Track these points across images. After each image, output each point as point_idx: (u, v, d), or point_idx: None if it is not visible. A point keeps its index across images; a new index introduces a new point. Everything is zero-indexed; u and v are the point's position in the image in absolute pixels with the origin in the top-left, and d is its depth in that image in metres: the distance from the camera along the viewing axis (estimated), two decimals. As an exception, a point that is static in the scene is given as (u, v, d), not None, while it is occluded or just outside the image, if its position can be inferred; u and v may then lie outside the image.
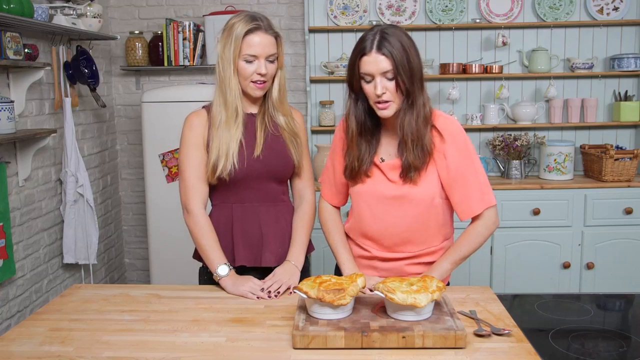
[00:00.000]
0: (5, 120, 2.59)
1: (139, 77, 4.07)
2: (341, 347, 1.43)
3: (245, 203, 1.97)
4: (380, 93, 1.70)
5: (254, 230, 1.97)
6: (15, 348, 1.47)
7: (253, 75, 1.86)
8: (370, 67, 1.69)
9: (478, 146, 3.97)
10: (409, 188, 1.79)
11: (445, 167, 1.78)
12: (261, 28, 1.85)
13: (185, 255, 3.28)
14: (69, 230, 3.30)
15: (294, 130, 1.98)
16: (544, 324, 1.73)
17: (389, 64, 1.68)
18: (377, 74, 1.69)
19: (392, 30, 1.71)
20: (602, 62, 3.89)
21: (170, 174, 3.61)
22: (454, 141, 1.78)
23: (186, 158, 1.92)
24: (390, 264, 1.90)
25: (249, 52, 1.84)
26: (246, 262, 1.96)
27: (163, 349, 1.45)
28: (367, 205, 1.86)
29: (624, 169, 3.56)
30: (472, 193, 1.79)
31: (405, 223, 1.83)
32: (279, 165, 1.96)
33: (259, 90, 1.90)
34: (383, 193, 1.82)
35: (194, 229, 1.92)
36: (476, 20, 3.81)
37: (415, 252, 1.87)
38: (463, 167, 1.78)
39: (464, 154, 1.78)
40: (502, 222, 3.51)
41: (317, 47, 3.90)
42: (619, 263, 3.51)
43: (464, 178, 1.78)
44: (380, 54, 1.68)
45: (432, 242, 1.87)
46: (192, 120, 1.94)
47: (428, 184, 1.79)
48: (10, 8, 2.53)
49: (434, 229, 1.85)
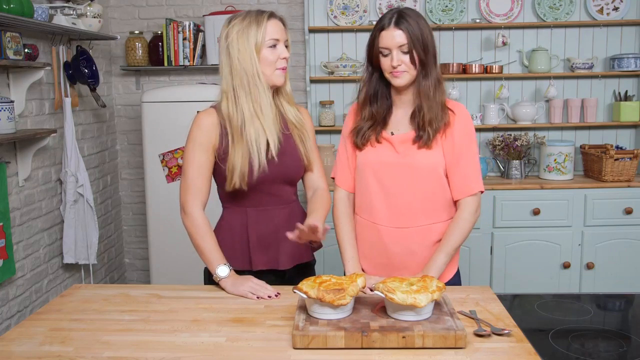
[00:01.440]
0: (5, 120, 2.59)
1: (139, 77, 4.07)
2: (341, 347, 1.43)
3: (259, 207, 1.95)
4: (396, 64, 1.82)
5: (269, 234, 1.96)
6: (15, 348, 1.47)
7: (278, 61, 1.87)
8: (387, 41, 1.83)
9: (478, 146, 3.96)
10: (414, 157, 1.87)
11: (451, 144, 1.87)
12: (273, 14, 1.89)
13: (185, 255, 3.29)
14: (69, 230, 3.30)
15: (302, 122, 1.98)
16: (544, 324, 1.73)
17: (404, 38, 1.81)
18: (394, 48, 1.82)
19: (409, 10, 1.86)
20: (602, 62, 3.89)
21: (170, 174, 3.61)
22: (463, 122, 1.89)
23: (190, 157, 1.90)
24: (400, 243, 1.91)
25: (273, 36, 1.86)
26: (263, 266, 1.95)
27: (163, 349, 1.45)
28: (373, 172, 1.91)
29: (624, 169, 3.56)
30: (470, 173, 1.89)
31: (409, 192, 1.88)
32: (292, 167, 1.96)
33: (282, 76, 1.90)
34: (389, 161, 1.90)
35: (191, 229, 1.90)
36: (476, 20, 3.81)
37: (423, 224, 1.90)
38: (466, 148, 1.89)
39: (469, 137, 1.91)
40: (502, 222, 3.52)
41: (317, 47, 3.91)
42: (619, 263, 3.51)
43: (466, 158, 1.89)
44: (397, 29, 1.82)
45: (440, 216, 1.92)
46: (201, 120, 1.90)
47: (433, 156, 1.87)
48: (10, 8, 2.53)
49: (440, 203, 1.91)
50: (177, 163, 3.59)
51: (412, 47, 1.81)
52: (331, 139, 3.95)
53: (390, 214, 1.91)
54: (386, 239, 1.92)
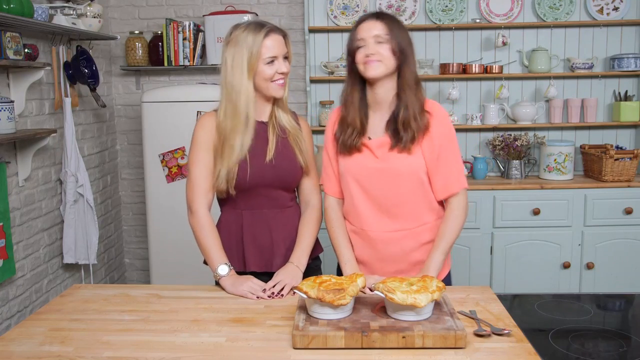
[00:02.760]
0: (5, 120, 2.59)
1: (139, 77, 4.07)
2: (341, 347, 1.43)
3: (255, 210, 1.97)
4: (369, 53, 1.80)
5: (264, 237, 1.98)
6: (15, 348, 1.47)
7: (275, 75, 1.88)
8: (363, 32, 1.83)
9: (478, 146, 3.97)
10: (394, 162, 1.86)
11: (430, 146, 1.86)
12: (273, 29, 1.88)
13: (185, 255, 3.29)
14: (69, 230, 3.30)
15: (297, 128, 1.99)
16: (544, 324, 1.73)
17: (382, 29, 1.81)
18: (369, 37, 1.81)
19: (389, 12, 1.93)
20: (602, 62, 3.89)
21: (170, 174, 3.61)
22: (441, 122, 1.88)
23: (195, 158, 1.93)
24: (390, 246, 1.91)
25: (269, 54, 1.86)
26: (257, 268, 1.97)
27: (163, 349, 1.45)
28: (354, 179, 1.91)
29: (624, 169, 3.56)
30: (451, 173, 1.89)
31: (392, 196, 1.88)
32: (288, 172, 1.96)
33: (280, 90, 1.92)
34: (369, 166, 1.88)
35: (195, 228, 1.93)
36: (476, 20, 3.81)
37: (410, 228, 1.90)
38: (447, 148, 1.88)
39: (449, 137, 1.89)
40: (502, 222, 3.52)
41: (317, 47, 3.91)
42: (619, 263, 3.51)
43: (446, 159, 1.88)
44: (375, 20, 1.83)
45: (424, 218, 1.92)
46: (205, 122, 1.95)
47: (413, 160, 1.85)
48: (10, 8, 2.53)
49: (424, 204, 1.90)
50: (177, 163, 3.59)
51: (390, 38, 1.80)
52: (331, 139, 3.95)
53: (377, 219, 1.91)
54: (377, 243, 1.92)
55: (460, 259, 3.48)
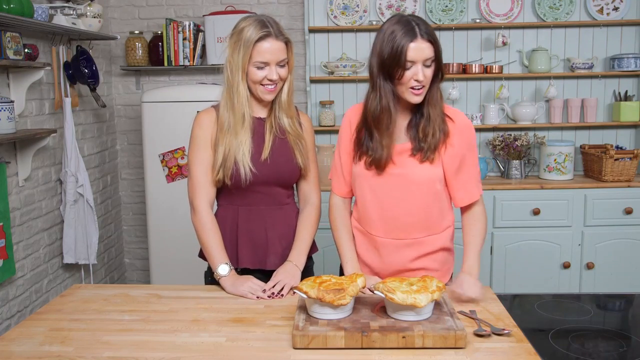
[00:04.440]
0: (5, 120, 2.59)
1: (139, 77, 4.07)
2: (341, 347, 1.43)
3: (251, 206, 1.97)
4: (420, 80, 1.73)
5: (259, 233, 1.97)
6: (15, 348, 1.47)
7: (263, 80, 1.86)
8: (414, 54, 1.71)
9: (478, 146, 3.97)
10: (411, 169, 1.82)
11: (452, 155, 1.83)
12: (272, 34, 1.83)
13: (185, 255, 3.29)
14: (69, 230, 3.30)
15: (298, 132, 1.97)
16: (544, 324, 1.73)
17: (431, 52, 1.74)
18: (420, 61, 1.72)
19: (422, 19, 1.78)
20: (602, 62, 3.89)
21: (170, 174, 3.61)
22: (463, 131, 1.85)
23: (195, 157, 1.93)
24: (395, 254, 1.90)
25: (260, 59, 1.83)
26: (250, 265, 1.97)
27: (163, 349, 1.45)
28: (368, 185, 1.87)
29: (624, 169, 3.56)
30: (472, 181, 1.88)
31: (404, 204, 1.84)
32: (286, 170, 1.96)
33: (269, 94, 1.89)
34: (385, 172, 1.84)
35: (197, 226, 1.93)
36: (476, 20, 3.81)
37: (418, 238, 1.88)
38: (469, 157, 1.87)
39: (470, 145, 1.87)
40: (502, 222, 3.52)
41: (317, 47, 3.91)
42: (619, 263, 3.51)
43: (467, 166, 1.87)
44: (425, 41, 1.73)
45: (434, 228, 1.90)
46: (202, 119, 1.94)
47: (430, 168, 1.82)
48: (10, 8, 2.53)
49: (435, 214, 1.88)
50: (177, 163, 3.59)
51: (435, 60, 1.75)
52: (331, 139, 3.95)
53: (385, 226, 1.89)
54: (382, 249, 1.91)
55: (461, 259, 3.47)
